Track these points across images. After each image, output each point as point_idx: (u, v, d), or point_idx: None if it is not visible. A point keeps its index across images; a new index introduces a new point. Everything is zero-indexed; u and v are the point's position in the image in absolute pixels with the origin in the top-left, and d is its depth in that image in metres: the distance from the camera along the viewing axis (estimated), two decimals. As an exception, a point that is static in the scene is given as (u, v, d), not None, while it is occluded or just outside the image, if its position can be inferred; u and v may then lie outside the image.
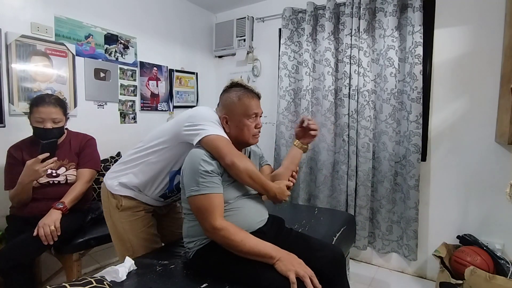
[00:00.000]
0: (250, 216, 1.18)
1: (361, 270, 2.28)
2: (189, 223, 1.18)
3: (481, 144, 1.91)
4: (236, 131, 1.18)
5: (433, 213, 2.11)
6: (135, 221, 1.32)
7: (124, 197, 1.31)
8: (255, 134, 1.21)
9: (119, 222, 1.32)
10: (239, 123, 1.17)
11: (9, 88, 1.76)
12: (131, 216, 1.32)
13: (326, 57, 2.29)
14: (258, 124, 1.21)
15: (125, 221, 1.31)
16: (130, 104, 2.42)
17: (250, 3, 2.87)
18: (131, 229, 1.32)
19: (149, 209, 1.38)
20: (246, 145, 1.24)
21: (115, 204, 1.31)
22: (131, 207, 1.31)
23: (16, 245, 1.37)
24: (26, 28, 1.82)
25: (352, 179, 2.21)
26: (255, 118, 1.20)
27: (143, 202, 1.34)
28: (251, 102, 1.19)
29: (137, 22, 2.44)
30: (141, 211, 1.34)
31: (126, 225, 1.32)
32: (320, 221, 1.71)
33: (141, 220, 1.34)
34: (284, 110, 2.51)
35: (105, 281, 0.96)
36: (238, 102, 1.18)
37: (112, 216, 1.33)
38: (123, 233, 1.33)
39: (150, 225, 1.38)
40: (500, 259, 1.70)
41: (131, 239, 1.32)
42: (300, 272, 0.98)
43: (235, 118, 1.17)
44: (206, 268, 1.12)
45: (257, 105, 1.21)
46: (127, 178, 1.31)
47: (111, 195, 1.32)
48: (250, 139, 1.20)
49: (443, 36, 2.01)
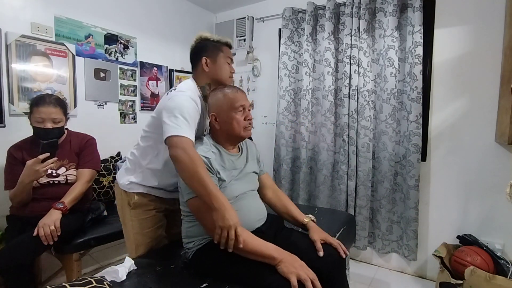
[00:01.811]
0: (249, 216, 1.18)
1: (361, 270, 2.28)
2: (188, 224, 1.18)
3: (481, 144, 1.91)
4: (226, 126, 1.19)
5: (433, 213, 2.11)
6: (144, 220, 1.33)
7: (136, 194, 1.31)
8: (246, 126, 1.21)
9: (129, 219, 1.33)
10: (227, 118, 1.18)
11: (9, 88, 1.76)
12: (141, 215, 1.32)
13: (326, 57, 2.29)
14: (247, 116, 1.21)
15: (135, 219, 1.32)
16: (130, 104, 2.42)
17: (250, 3, 2.87)
18: (140, 227, 1.32)
19: (160, 207, 1.36)
20: (239, 139, 1.24)
21: (127, 201, 1.32)
22: (142, 204, 1.32)
23: (16, 245, 1.37)
24: (26, 28, 1.82)
25: (352, 179, 2.21)
26: (243, 111, 1.21)
27: (157, 196, 1.33)
28: (235, 95, 1.20)
29: (137, 22, 2.44)
30: (152, 210, 1.34)
31: (136, 223, 1.32)
32: (320, 221, 1.70)
33: (150, 219, 1.34)
34: (284, 110, 2.51)
35: (105, 281, 0.96)
36: (224, 98, 1.20)
37: (124, 213, 1.35)
38: (131, 230, 1.34)
39: (159, 225, 1.38)
40: (500, 259, 1.70)
41: (137, 238, 1.33)
42: (302, 275, 0.97)
43: (223, 114, 1.18)
44: (206, 268, 1.12)
45: (243, 98, 1.22)
46: (137, 174, 1.31)
47: (124, 192, 1.33)
48: (241, 132, 1.20)
49: (443, 36, 2.01)
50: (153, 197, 1.34)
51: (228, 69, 1.29)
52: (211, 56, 1.27)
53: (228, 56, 1.30)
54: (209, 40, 1.30)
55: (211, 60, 1.27)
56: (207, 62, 1.27)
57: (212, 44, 1.29)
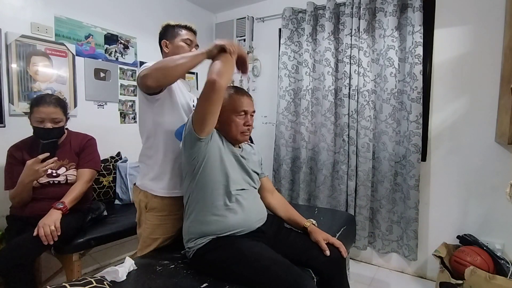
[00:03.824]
0: (250, 216, 1.18)
1: (361, 270, 2.28)
2: (189, 223, 1.18)
3: (481, 144, 1.91)
4: (224, 127, 1.21)
5: (433, 213, 2.11)
6: (158, 226, 1.32)
7: (153, 197, 1.29)
8: (244, 131, 1.22)
9: (144, 222, 1.34)
10: (227, 119, 1.19)
11: (9, 88, 1.76)
12: (155, 220, 1.31)
13: (326, 57, 2.29)
14: (247, 122, 1.22)
15: (150, 223, 1.32)
16: (130, 104, 2.42)
17: (250, 3, 2.87)
18: (151, 232, 1.32)
19: (176, 211, 1.33)
20: (235, 142, 1.25)
21: (145, 204, 1.32)
22: (156, 207, 1.30)
23: (16, 245, 1.36)
24: (26, 28, 1.82)
25: (352, 179, 2.21)
26: (245, 116, 1.21)
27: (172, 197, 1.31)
28: (240, 99, 1.21)
29: (137, 22, 2.44)
30: (166, 216, 1.31)
31: (149, 227, 1.32)
32: (320, 221, 1.71)
33: (164, 227, 1.33)
34: (284, 110, 2.51)
35: (105, 281, 0.96)
36: (228, 99, 1.20)
37: (141, 214, 1.35)
38: (142, 232, 1.34)
39: (169, 236, 1.36)
40: (500, 259, 1.70)
41: (146, 240, 1.33)
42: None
43: (224, 114, 1.18)
44: (206, 268, 1.12)
45: (248, 103, 1.22)
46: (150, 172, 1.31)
47: (143, 194, 1.32)
48: (238, 136, 1.21)
49: (443, 36, 2.01)
50: (170, 200, 1.31)
51: (186, 49, 1.34)
52: (170, 38, 1.36)
53: (188, 38, 1.35)
54: (170, 25, 1.38)
55: (170, 41, 1.36)
56: (167, 44, 1.36)
57: (171, 28, 1.37)
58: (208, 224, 1.14)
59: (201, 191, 1.15)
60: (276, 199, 1.42)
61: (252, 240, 1.14)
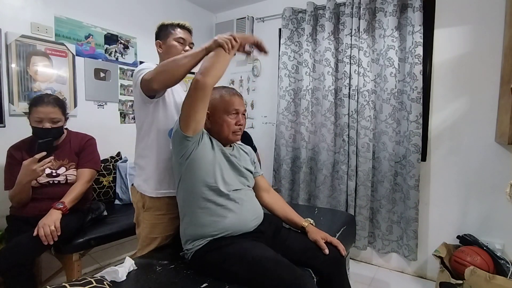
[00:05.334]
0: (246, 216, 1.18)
1: (361, 270, 2.28)
2: (186, 225, 1.18)
3: (481, 144, 1.91)
4: (216, 127, 1.21)
5: (433, 213, 2.11)
6: (155, 225, 1.32)
7: (150, 198, 1.31)
8: (235, 131, 1.22)
9: (142, 222, 1.35)
10: (219, 119, 1.20)
11: (9, 88, 1.76)
12: (153, 219, 1.32)
13: (326, 57, 2.29)
14: (239, 121, 1.22)
15: (148, 222, 1.32)
16: (130, 104, 2.42)
17: (250, 3, 2.87)
18: (150, 232, 1.33)
19: (173, 210, 1.33)
20: (227, 142, 1.25)
21: (142, 204, 1.33)
22: (153, 207, 1.31)
23: (16, 245, 1.36)
24: (26, 28, 1.82)
25: (352, 179, 2.21)
26: (236, 115, 1.22)
27: (168, 196, 1.32)
28: (232, 98, 1.22)
29: (137, 22, 2.44)
30: (163, 215, 1.32)
31: (147, 226, 1.32)
32: (320, 221, 1.71)
33: (162, 226, 1.33)
34: (284, 110, 2.51)
35: (105, 281, 0.96)
36: (219, 99, 1.21)
37: (139, 214, 1.36)
38: (141, 232, 1.35)
39: (168, 235, 1.36)
40: (500, 259, 1.70)
41: (145, 240, 1.33)
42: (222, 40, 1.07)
43: (216, 114, 1.20)
44: (206, 269, 1.12)
45: (239, 102, 1.23)
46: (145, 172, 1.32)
47: (140, 195, 1.33)
48: (230, 136, 1.21)
49: (443, 36, 2.01)
50: (165, 199, 1.32)
51: (179, 48, 1.33)
52: (163, 38, 1.36)
53: (180, 37, 1.34)
54: (164, 25, 1.37)
55: (163, 41, 1.36)
56: (160, 44, 1.37)
57: (164, 27, 1.36)
58: (203, 226, 1.14)
59: (192, 193, 1.15)
60: (272, 198, 1.41)
61: (251, 240, 1.14)
